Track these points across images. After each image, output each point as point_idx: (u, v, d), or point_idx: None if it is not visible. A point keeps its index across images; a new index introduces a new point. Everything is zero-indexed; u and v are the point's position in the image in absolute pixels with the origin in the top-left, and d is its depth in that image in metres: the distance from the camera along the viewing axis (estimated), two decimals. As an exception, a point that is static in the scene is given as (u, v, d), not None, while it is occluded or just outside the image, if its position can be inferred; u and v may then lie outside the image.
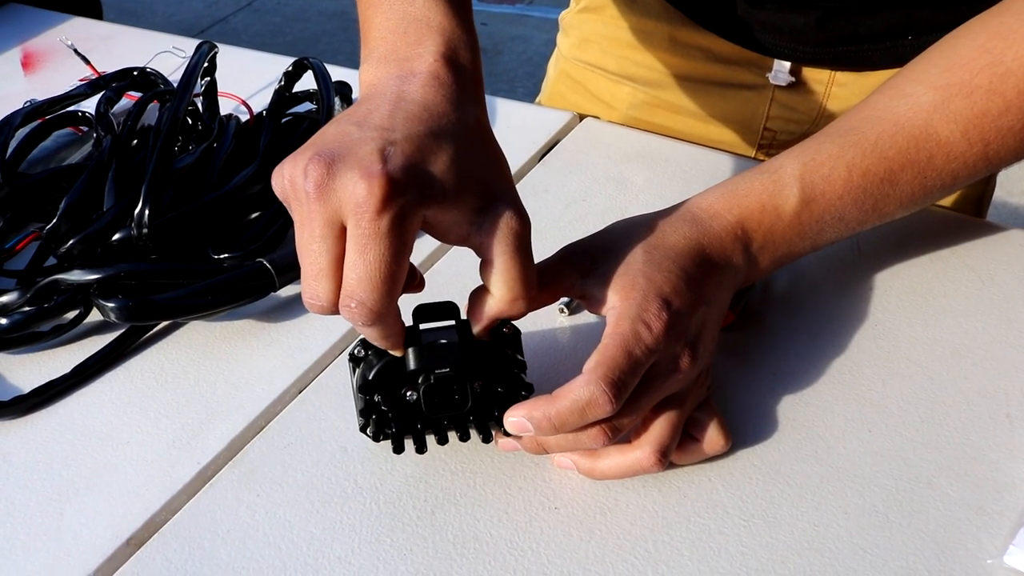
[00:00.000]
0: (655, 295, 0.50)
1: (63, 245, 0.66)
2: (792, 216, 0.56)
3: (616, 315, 0.49)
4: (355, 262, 0.43)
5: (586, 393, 0.46)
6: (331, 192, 0.43)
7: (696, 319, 0.51)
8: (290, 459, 0.56)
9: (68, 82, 0.91)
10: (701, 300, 0.52)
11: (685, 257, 0.53)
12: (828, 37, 0.77)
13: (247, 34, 3.59)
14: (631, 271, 0.51)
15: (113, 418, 0.60)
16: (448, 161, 0.46)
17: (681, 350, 0.50)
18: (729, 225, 0.55)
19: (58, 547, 0.53)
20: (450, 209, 0.46)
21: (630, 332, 0.48)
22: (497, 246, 0.47)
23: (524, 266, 0.48)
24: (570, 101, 0.96)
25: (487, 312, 0.49)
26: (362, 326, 0.45)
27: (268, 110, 0.82)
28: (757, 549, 0.50)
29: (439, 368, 0.50)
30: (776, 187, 0.56)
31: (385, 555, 0.51)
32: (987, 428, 0.55)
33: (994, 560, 0.49)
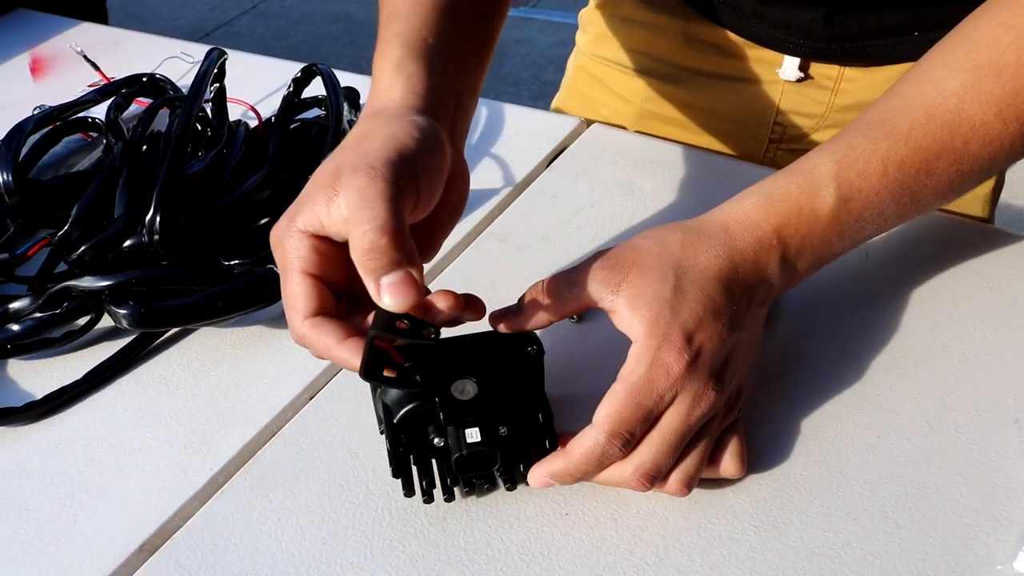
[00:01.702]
0: (679, 333, 0.49)
1: (74, 251, 0.66)
2: (830, 217, 0.54)
3: (635, 356, 0.49)
4: (282, 290, 0.51)
5: (595, 446, 0.49)
6: None
7: (723, 350, 0.50)
8: (302, 465, 0.56)
9: (76, 87, 0.91)
10: (730, 329, 0.51)
11: (715, 282, 0.51)
12: (835, 33, 0.78)
13: (251, 37, 3.60)
14: (658, 300, 0.50)
15: (125, 424, 0.60)
16: (312, 181, 0.50)
17: (704, 385, 0.49)
18: (765, 236, 0.53)
19: (71, 553, 0.53)
20: (310, 208, 0.49)
21: (643, 380, 0.49)
22: (344, 211, 0.47)
23: (362, 213, 0.46)
24: (587, 96, 0.98)
25: (362, 276, 0.47)
26: (302, 343, 0.50)
27: (277, 116, 0.82)
28: (767, 554, 0.50)
29: (468, 419, 0.51)
30: (812, 188, 0.54)
31: (397, 561, 0.51)
32: (996, 434, 0.56)
33: (1004, 566, 0.49)
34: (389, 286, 0.46)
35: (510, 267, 0.70)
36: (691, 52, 0.87)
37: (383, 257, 0.46)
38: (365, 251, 0.46)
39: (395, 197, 0.47)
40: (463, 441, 0.50)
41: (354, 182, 0.47)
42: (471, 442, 0.50)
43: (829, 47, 0.79)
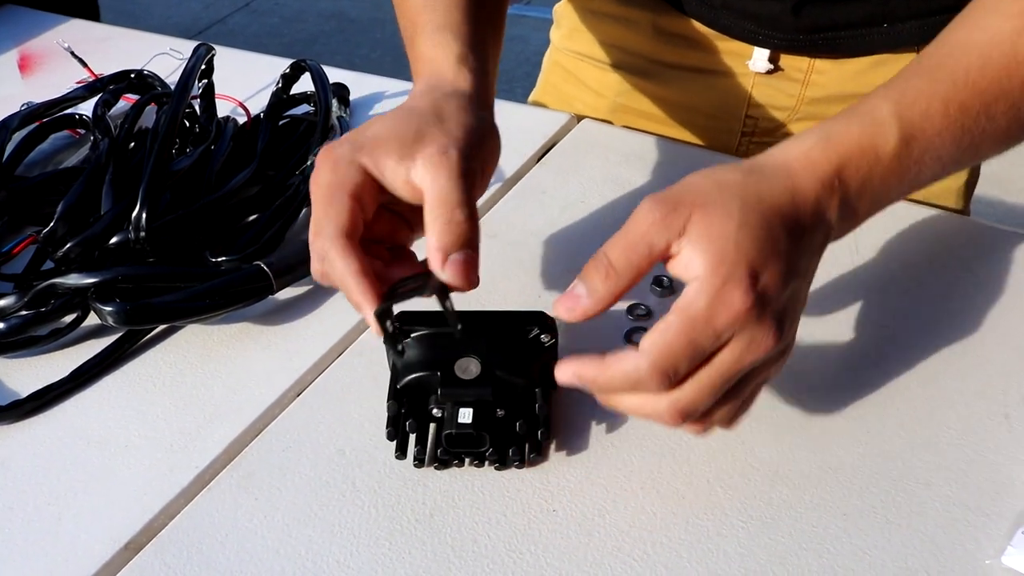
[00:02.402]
0: (745, 270, 0.46)
1: (60, 248, 0.65)
2: (892, 157, 0.52)
3: (696, 289, 0.46)
4: (314, 208, 0.51)
5: (634, 372, 0.46)
6: (311, 180, 0.52)
7: (785, 295, 0.48)
8: (288, 462, 0.56)
9: (65, 84, 0.91)
10: (793, 274, 0.48)
11: (780, 221, 0.48)
12: (804, 25, 0.77)
13: (244, 35, 3.59)
14: (724, 237, 0.46)
15: (111, 422, 0.60)
16: (382, 125, 0.52)
17: (765, 329, 0.46)
18: (827, 175, 0.50)
19: (56, 552, 0.52)
20: (382, 156, 0.51)
21: (702, 315, 0.45)
22: (423, 179, 0.50)
23: (442, 188, 0.50)
24: (562, 91, 0.98)
25: (428, 246, 0.49)
26: (321, 259, 0.50)
27: (266, 112, 0.82)
28: (756, 550, 0.50)
29: (464, 399, 0.52)
30: (874, 128, 0.52)
31: (383, 558, 0.51)
32: (985, 429, 0.55)
33: (992, 561, 0.49)
34: (455, 263, 0.49)
35: (500, 263, 0.69)
36: (662, 45, 0.87)
37: (459, 235, 0.49)
38: (445, 223, 0.49)
39: (472, 185, 0.51)
40: (455, 419, 0.51)
41: (440, 160, 0.50)
42: (461, 422, 0.51)
43: (798, 38, 0.79)
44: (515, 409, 0.53)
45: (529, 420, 0.53)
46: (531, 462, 0.55)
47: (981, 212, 0.89)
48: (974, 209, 0.91)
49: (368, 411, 0.59)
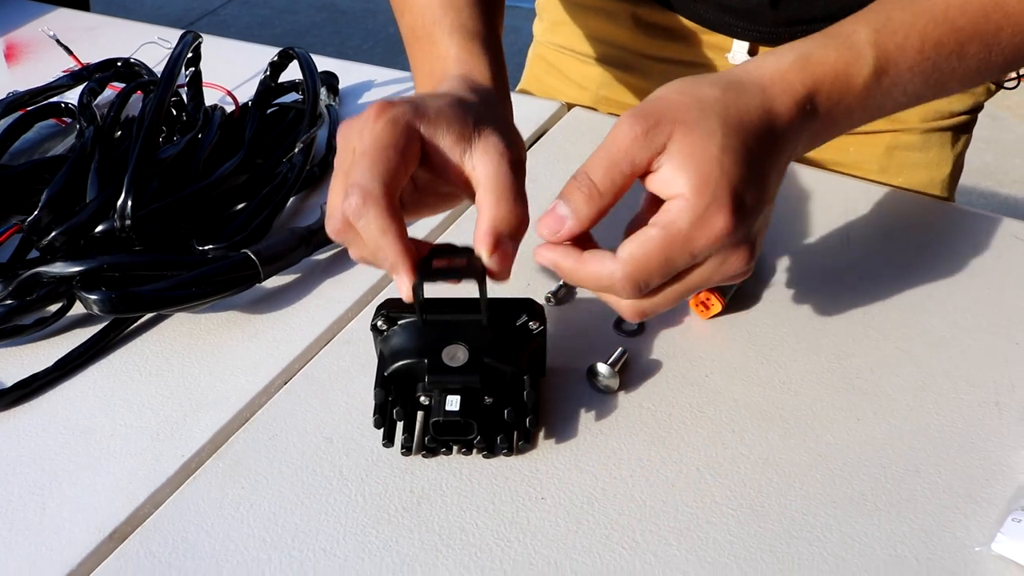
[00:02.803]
0: (728, 193, 0.46)
1: (45, 237, 0.65)
2: (863, 87, 0.52)
3: (679, 207, 0.46)
4: (356, 162, 0.48)
5: (607, 278, 0.48)
6: (348, 131, 0.51)
7: (761, 218, 0.49)
8: (275, 451, 0.56)
9: (51, 73, 0.90)
10: (768, 196, 0.49)
11: (759, 146, 0.48)
12: (782, 18, 0.77)
13: (236, 26, 3.57)
14: (708, 158, 0.47)
15: (96, 411, 0.59)
16: (443, 102, 0.51)
17: (738, 248, 0.48)
18: (800, 98, 0.51)
19: (40, 541, 0.52)
20: (441, 131, 0.49)
21: (683, 234, 0.46)
22: (481, 165, 0.50)
23: (506, 176, 0.49)
24: (545, 84, 0.98)
25: (480, 228, 0.49)
26: (358, 213, 0.47)
27: (254, 101, 0.82)
28: (745, 538, 0.50)
29: (452, 386, 0.52)
30: (851, 55, 0.52)
31: (371, 547, 0.50)
32: (976, 416, 0.55)
33: (982, 548, 0.48)
34: (504, 251, 0.49)
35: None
36: (642, 37, 0.87)
37: (515, 225, 0.49)
38: (507, 211, 0.49)
39: (523, 180, 0.52)
40: (443, 407, 0.51)
41: (503, 151, 0.50)
42: (449, 410, 0.51)
43: (776, 31, 0.78)
44: (503, 397, 0.53)
45: (517, 408, 0.53)
46: (519, 450, 0.54)
47: (975, 204, 0.89)
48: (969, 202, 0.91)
49: (355, 399, 0.58)
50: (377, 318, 0.54)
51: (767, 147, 0.49)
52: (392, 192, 0.48)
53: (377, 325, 0.54)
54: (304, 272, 0.69)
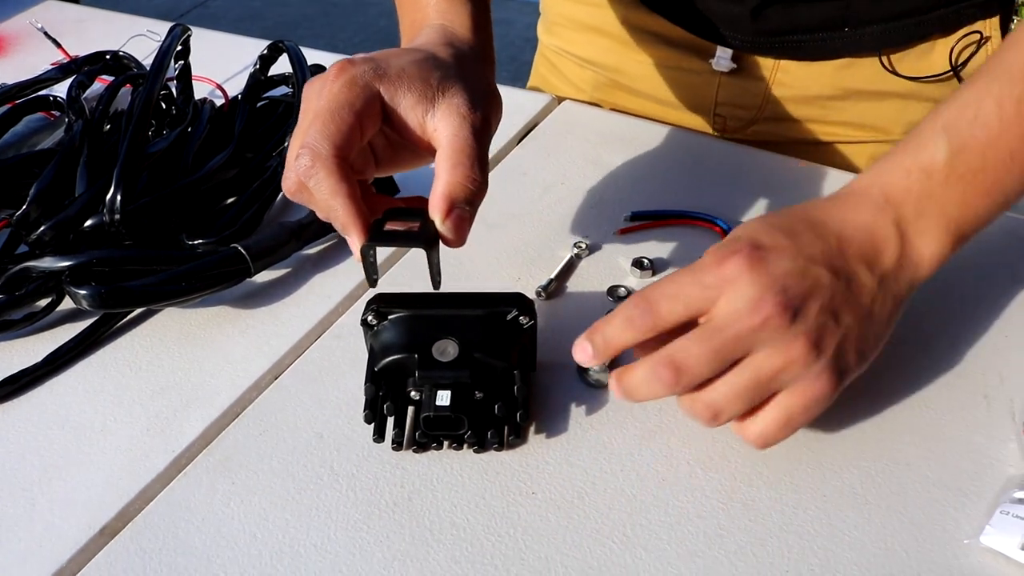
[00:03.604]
0: (746, 239, 0.48)
1: (34, 232, 0.65)
2: (944, 169, 0.50)
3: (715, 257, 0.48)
4: (311, 122, 0.48)
5: (626, 309, 0.48)
6: (309, 90, 0.50)
7: (800, 273, 0.47)
8: (265, 446, 0.56)
9: (40, 66, 0.89)
10: (813, 260, 0.48)
11: (806, 224, 0.49)
12: (763, 27, 0.77)
13: (227, 18, 3.56)
14: (744, 226, 0.49)
15: (86, 407, 0.59)
16: (409, 60, 0.51)
17: (768, 294, 0.46)
18: (874, 200, 0.50)
19: (30, 537, 0.52)
20: (403, 91, 0.50)
21: (694, 267, 0.47)
22: (442, 127, 0.50)
23: (465, 140, 0.49)
24: (549, 83, 0.98)
25: (435, 191, 0.49)
26: (308, 173, 0.47)
27: (243, 94, 0.81)
28: (735, 532, 0.50)
29: (442, 381, 0.52)
30: (918, 144, 0.51)
31: (362, 541, 0.50)
32: (965, 409, 0.55)
33: (971, 540, 0.49)
34: (458, 216, 0.48)
35: (480, 244, 0.69)
36: (631, 40, 0.87)
37: (472, 190, 0.49)
38: (464, 175, 0.48)
39: (487, 146, 0.52)
40: (433, 402, 0.51)
41: (465, 113, 0.50)
42: (439, 404, 0.51)
43: (757, 40, 0.78)
44: (494, 391, 0.53)
45: (508, 402, 0.53)
46: (510, 444, 0.54)
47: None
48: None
49: (346, 394, 0.58)
50: (367, 313, 0.54)
51: (844, 250, 0.49)
52: (343, 153, 0.48)
53: (367, 320, 0.54)
54: (294, 266, 0.69)
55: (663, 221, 0.70)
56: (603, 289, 0.64)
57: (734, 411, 0.48)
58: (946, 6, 0.72)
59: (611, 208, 0.72)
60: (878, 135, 0.83)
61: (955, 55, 0.74)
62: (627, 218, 0.70)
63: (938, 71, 0.76)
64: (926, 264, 0.51)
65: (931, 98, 0.79)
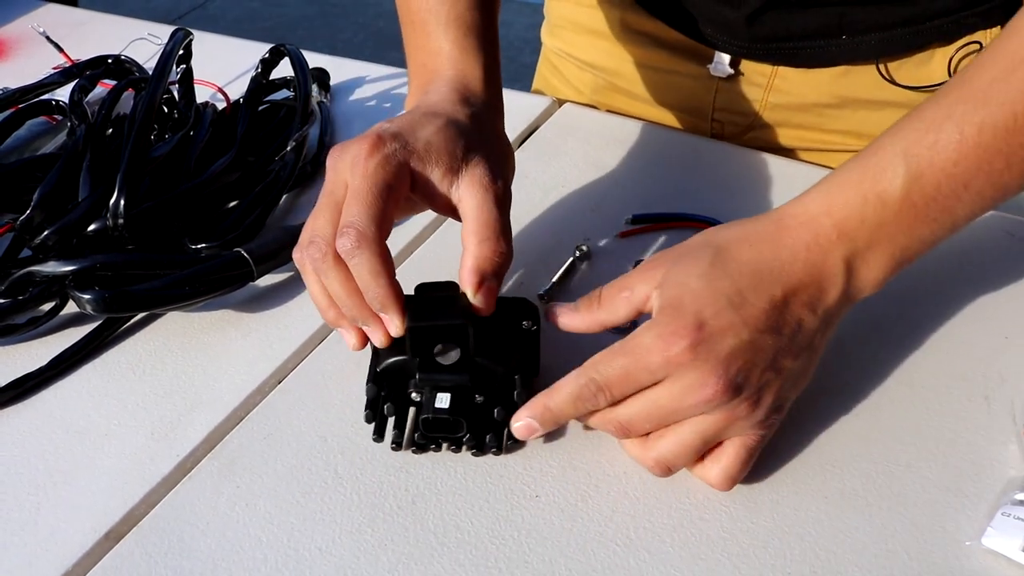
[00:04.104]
0: (691, 315, 0.47)
1: (37, 236, 0.65)
2: (901, 199, 0.49)
3: (646, 324, 0.48)
4: (350, 200, 0.51)
5: (575, 386, 0.49)
6: (338, 161, 0.53)
7: (744, 349, 0.47)
8: (270, 450, 0.56)
9: (41, 70, 0.90)
10: (759, 331, 0.48)
11: (751, 277, 0.49)
12: (759, 34, 0.77)
13: (225, 20, 3.56)
14: (685, 287, 0.49)
15: (90, 411, 0.59)
16: (433, 130, 0.54)
17: (708, 376, 0.47)
18: (823, 230, 0.49)
19: (35, 542, 0.52)
20: (431, 165, 0.53)
21: (640, 346, 0.48)
22: (467, 199, 0.53)
23: (490, 214, 0.52)
24: (551, 85, 0.98)
25: (465, 266, 0.52)
26: (351, 252, 0.50)
27: (245, 98, 0.81)
28: (738, 534, 0.50)
29: (442, 384, 0.53)
30: (877, 170, 0.49)
31: (366, 545, 0.50)
32: (966, 410, 0.56)
33: (972, 542, 0.49)
34: (488, 289, 0.52)
35: (481, 248, 0.69)
36: (629, 43, 0.87)
37: (500, 264, 0.52)
38: (491, 250, 0.52)
39: (508, 213, 0.55)
40: (432, 404, 0.52)
41: (488, 185, 0.53)
42: (438, 407, 0.52)
43: (753, 47, 0.78)
44: (494, 395, 0.53)
45: (507, 407, 0.53)
46: (508, 449, 0.55)
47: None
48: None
49: (350, 398, 0.58)
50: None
51: (767, 284, 0.49)
52: (384, 234, 0.51)
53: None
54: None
55: (664, 224, 0.70)
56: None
57: (683, 464, 0.51)
58: (945, 15, 0.72)
59: (612, 211, 0.72)
60: (862, 141, 0.83)
61: (954, 65, 0.74)
62: (628, 221, 0.70)
63: (937, 81, 0.76)
64: (867, 289, 0.51)
65: None
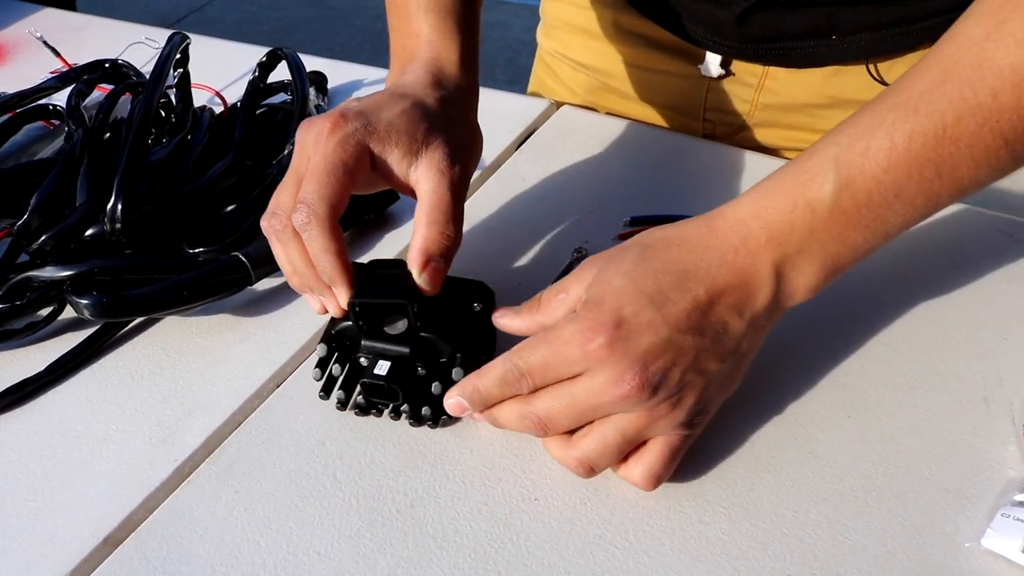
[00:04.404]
0: (610, 312, 0.48)
1: (35, 241, 0.65)
2: (830, 206, 0.48)
3: (567, 319, 0.49)
4: (307, 177, 0.52)
5: (501, 370, 0.50)
6: (305, 136, 0.55)
7: (665, 349, 0.47)
8: (268, 454, 0.56)
9: (39, 75, 0.89)
10: (681, 331, 0.48)
11: (674, 276, 0.49)
12: (749, 34, 0.77)
13: (223, 23, 3.56)
14: (608, 284, 0.49)
15: (88, 416, 0.59)
16: (398, 111, 0.55)
17: (625, 373, 0.47)
18: (752, 234, 0.49)
19: (34, 548, 0.52)
20: (391, 146, 0.54)
21: (559, 337, 0.48)
22: (423, 181, 0.54)
23: (442, 198, 0.54)
24: (547, 85, 0.99)
25: (413, 246, 0.53)
26: (303, 228, 0.52)
27: (243, 101, 0.81)
28: (737, 536, 0.50)
29: (386, 353, 0.55)
30: (808, 177, 0.49)
31: (365, 549, 0.50)
32: (964, 412, 0.56)
33: (972, 543, 0.49)
34: (434, 270, 0.53)
35: (479, 251, 0.69)
36: (622, 43, 0.87)
37: (447, 246, 0.54)
38: (440, 232, 0.53)
39: (463, 198, 0.56)
40: (372, 370, 0.54)
41: (444, 169, 0.55)
42: (376, 373, 0.53)
43: (743, 47, 0.78)
44: (437, 370, 0.55)
45: (445, 383, 0.54)
46: (443, 423, 0.56)
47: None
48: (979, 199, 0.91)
49: (348, 402, 0.58)
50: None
51: (691, 285, 0.49)
52: (337, 212, 0.52)
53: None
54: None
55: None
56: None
57: (608, 463, 0.50)
58: (935, 16, 0.72)
59: (610, 213, 0.72)
60: None
61: None
62: (626, 223, 0.70)
63: None
64: (799, 295, 0.51)
65: None
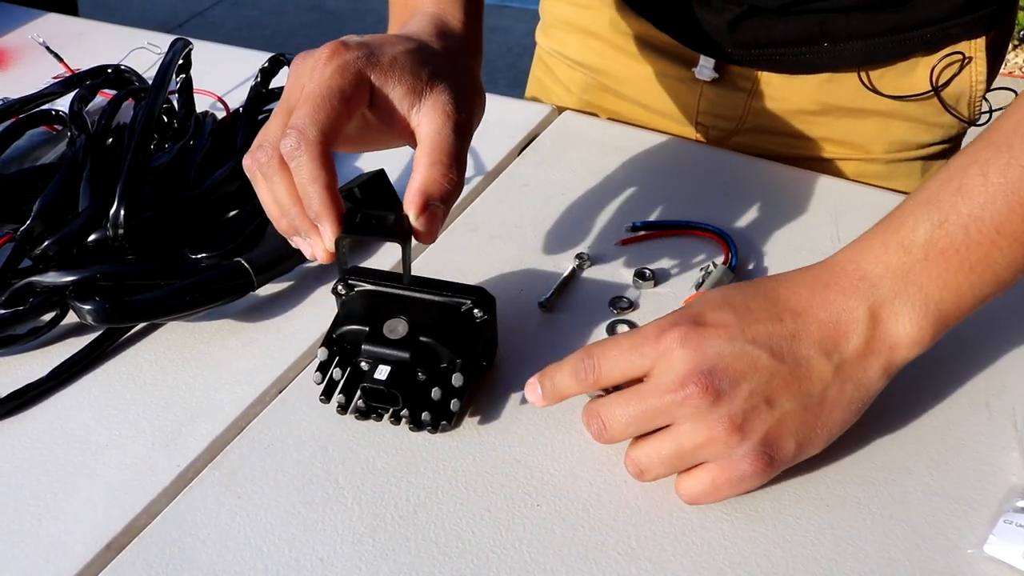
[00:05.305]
0: (693, 312, 0.49)
1: (38, 247, 0.65)
2: (925, 247, 0.48)
3: (652, 323, 0.50)
4: (300, 103, 0.49)
5: (575, 359, 0.50)
6: (300, 67, 0.51)
7: (734, 356, 0.47)
8: (271, 460, 0.56)
9: (41, 80, 0.90)
10: (754, 342, 0.48)
11: (764, 299, 0.50)
12: (740, 40, 0.77)
13: (224, 28, 3.57)
14: (700, 298, 0.50)
15: (91, 421, 0.59)
16: (402, 49, 0.52)
17: (695, 375, 0.47)
18: (846, 274, 0.49)
19: (36, 553, 0.52)
20: (393, 81, 0.50)
21: (641, 332, 0.49)
22: (426, 123, 0.51)
23: (447, 140, 0.50)
24: (544, 85, 0.99)
25: (411, 187, 0.50)
26: (292, 154, 0.48)
27: (245, 107, 0.81)
28: (739, 543, 0.50)
29: (386, 357, 0.54)
30: (899, 220, 0.49)
31: (367, 555, 0.50)
32: (967, 417, 0.56)
33: (974, 550, 0.49)
34: (433, 213, 0.50)
35: (481, 257, 0.69)
36: (618, 43, 0.87)
37: (448, 188, 0.50)
38: (441, 173, 0.50)
39: (467, 145, 0.53)
40: (372, 375, 0.53)
41: (449, 110, 0.51)
42: (376, 378, 0.53)
43: (737, 52, 0.79)
44: (437, 376, 0.55)
45: (445, 389, 0.54)
46: (443, 429, 0.56)
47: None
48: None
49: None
50: (339, 283, 0.57)
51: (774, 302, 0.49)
52: (329, 140, 0.48)
53: (337, 289, 0.58)
54: (297, 280, 0.69)
55: (665, 231, 0.70)
56: (606, 300, 0.64)
57: (658, 473, 0.50)
58: (928, 25, 0.72)
59: (612, 219, 0.72)
60: (860, 152, 0.83)
61: (936, 75, 0.74)
62: (628, 228, 0.70)
63: (920, 90, 0.76)
64: (903, 348, 0.49)
65: (913, 118, 0.79)
